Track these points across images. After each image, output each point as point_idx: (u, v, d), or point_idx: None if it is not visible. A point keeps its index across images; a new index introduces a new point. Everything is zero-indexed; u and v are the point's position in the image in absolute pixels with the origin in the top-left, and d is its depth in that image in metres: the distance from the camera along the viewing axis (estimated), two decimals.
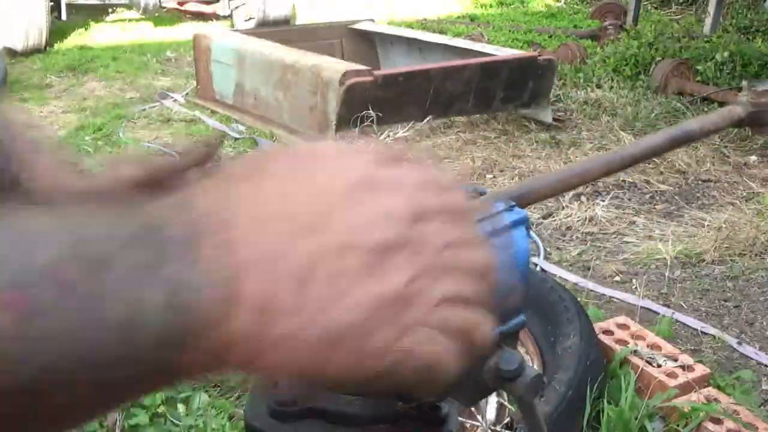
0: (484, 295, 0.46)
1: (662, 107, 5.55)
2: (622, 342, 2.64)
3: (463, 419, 2.29)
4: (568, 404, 2.28)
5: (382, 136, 4.80)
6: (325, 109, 4.73)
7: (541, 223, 3.93)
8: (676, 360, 2.58)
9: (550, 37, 8.05)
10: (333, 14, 8.60)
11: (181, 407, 2.43)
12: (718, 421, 2.33)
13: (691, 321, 3.13)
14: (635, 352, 2.58)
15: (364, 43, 6.35)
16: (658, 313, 3.15)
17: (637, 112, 5.46)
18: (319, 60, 4.98)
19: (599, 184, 4.31)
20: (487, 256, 0.47)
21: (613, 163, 0.84)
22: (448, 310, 0.43)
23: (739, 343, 2.99)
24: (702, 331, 3.06)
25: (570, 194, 4.15)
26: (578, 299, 2.73)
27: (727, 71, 6.25)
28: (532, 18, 9.43)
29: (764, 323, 3.18)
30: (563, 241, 3.81)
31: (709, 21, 7.69)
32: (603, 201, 4.17)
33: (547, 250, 3.69)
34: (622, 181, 4.40)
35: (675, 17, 9.07)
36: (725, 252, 3.65)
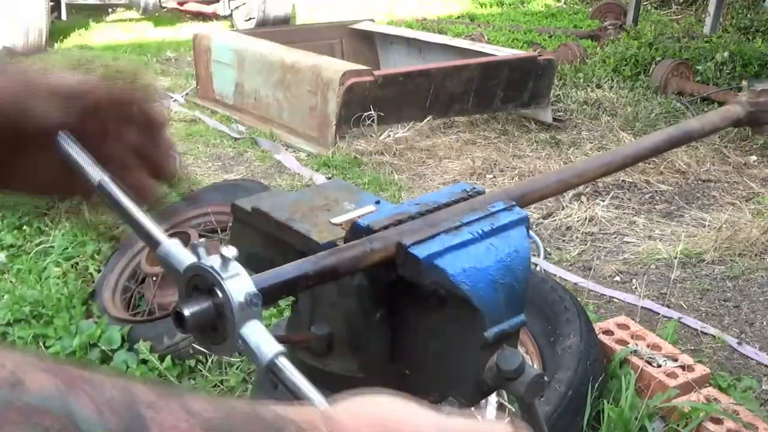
0: None
1: (662, 107, 5.55)
2: (622, 342, 2.64)
3: None
4: (568, 404, 2.28)
5: (382, 136, 4.80)
6: (325, 109, 4.73)
7: (541, 223, 3.93)
8: (676, 360, 2.58)
9: (550, 37, 8.05)
10: (333, 14, 8.61)
11: None
12: (718, 421, 2.33)
13: (691, 321, 3.13)
14: (635, 352, 2.58)
15: (364, 43, 6.35)
16: (658, 314, 3.15)
17: (637, 112, 5.46)
18: (319, 60, 4.98)
19: (599, 184, 4.31)
20: None
21: (613, 162, 0.84)
22: None
23: (739, 343, 2.99)
24: (702, 331, 3.06)
25: (570, 194, 4.15)
26: (578, 299, 2.73)
27: (727, 71, 6.26)
28: (532, 18, 9.43)
29: (764, 323, 3.18)
30: (563, 241, 3.81)
31: (709, 21, 7.70)
32: (603, 201, 4.17)
33: (547, 250, 3.69)
34: (622, 181, 4.40)
35: (675, 17, 9.07)
36: (725, 252, 3.65)
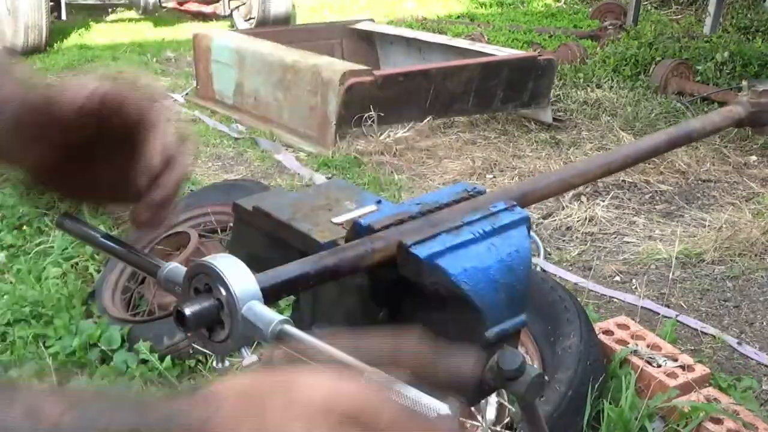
0: None
1: (662, 107, 5.55)
2: (622, 342, 2.64)
3: (463, 419, 2.29)
4: (568, 404, 2.29)
5: (382, 137, 4.80)
6: (325, 109, 4.73)
7: (541, 223, 3.93)
8: (676, 360, 2.58)
9: (550, 37, 8.05)
10: (333, 14, 8.61)
11: None
12: (718, 421, 2.33)
13: (691, 321, 3.13)
14: (635, 352, 2.58)
15: (364, 43, 6.35)
16: (658, 314, 3.15)
17: (637, 112, 5.45)
18: (319, 60, 4.98)
19: (599, 184, 4.31)
20: None
21: (614, 162, 0.84)
22: None
23: (739, 343, 2.99)
24: (702, 331, 3.06)
25: (570, 194, 4.15)
26: (578, 299, 2.73)
27: (727, 71, 6.26)
28: (532, 18, 9.43)
29: (764, 323, 3.18)
30: (563, 241, 3.81)
31: (709, 21, 7.69)
32: (603, 201, 4.17)
33: (547, 250, 3.69)
34: (622, 181, 4.40)
35: (675, 17, 9.07)
36: (725, 252, 3.65)
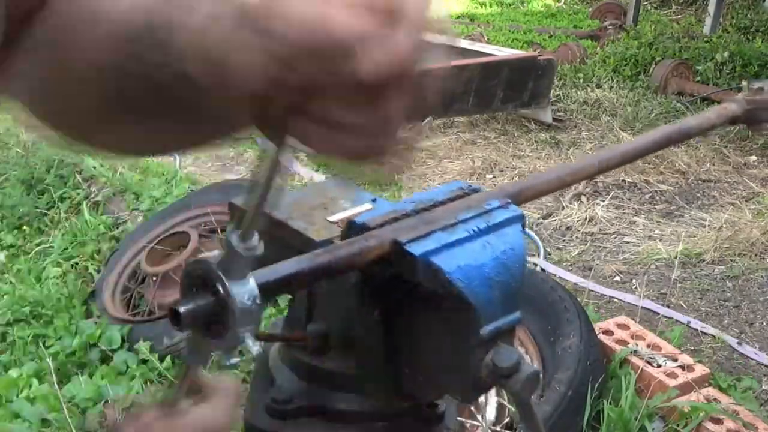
0: None
1: (662, 107, 5.55)
2: (622, 342, 2.64)
3: (463, 419, 2.29)
4: (568, 404, 2.28)
5: None
6: None
7: (541, 223, 3.92)
8: (676, 360, 2.58)
9: (550, 37, 8.05)
10: None
11: None
12: (718, 421, 2.33)
13: (691, 321, 3.13)
14: (635, 352, 2.58)
15: None
16: (658, 314, 3.15)
17: (637, 112, 5.45)
18: None
19: (599, 184, 4.31)
20: None
21: (610, 159, 0.84)
22: None
23: (739, 343, 2.99)
24: (702, 331, 3.06)
25: (570, 194, 4.15)
26: (578, 299, 2.73)
27: (727, 71, 6.25)
28: (532, 18, 9.43)
29: (764, 323, 3.18)
30: (563, 241, 3.81)
31: (709, 21, 7.69)
32: (603, 201, 4.17)
33: (547, 250, 3.69)
34: (622, 181, 4.40)
35: (675, 17, 9.06)
36: (725, 252, 3.65)
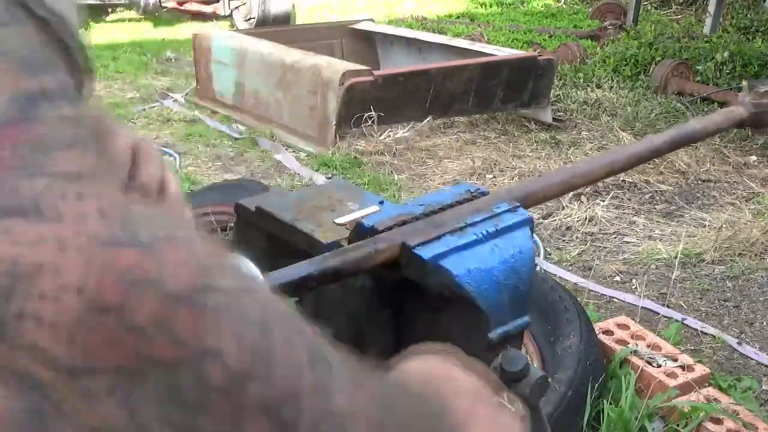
0: None
1: (662, 107, 5.55)
2: (622, 342, 2.64)
3: None
4: (568, 404, 2.29)
5: (382, 137, 4.80)
6: (325, 109, 4.73)
7: (541, 223, 3.92)
8: (676, 360, 2.58)
9: (550, 37, 8.05)
10: (333, 14, 8.60)
11: None
12: (718, 421, 2.33)
13: (691, 321, 3.13)
14: (635, 352, 2.58)
15: (364, 43, 6.34)
16: (658, 314, 3.15)
17: (637, 112, 5.45)
18: (319, 60, 4.98)
19: (599, 184, 4.31)
20: None
21: (617, 163, 0.84)
22: None
23: (739, 343, 2.99)
24: (702, 331, 3.06)
25: (570, 194, 4.15)
26: (578, 299, 2.73)
27: (727, 71, 6.25)
28: (532, 18, 9.42)
29: (764, 323, 3.18)
30: (563, 241, 3.81)
31: (709, 21, 7.69)
32: (603, 201, 4.17)
33: (547, 250, 3.69)
34: (622, 181, 4.40)
35: (675, 17, 9.06)
36: (725, 252, 3.65)
